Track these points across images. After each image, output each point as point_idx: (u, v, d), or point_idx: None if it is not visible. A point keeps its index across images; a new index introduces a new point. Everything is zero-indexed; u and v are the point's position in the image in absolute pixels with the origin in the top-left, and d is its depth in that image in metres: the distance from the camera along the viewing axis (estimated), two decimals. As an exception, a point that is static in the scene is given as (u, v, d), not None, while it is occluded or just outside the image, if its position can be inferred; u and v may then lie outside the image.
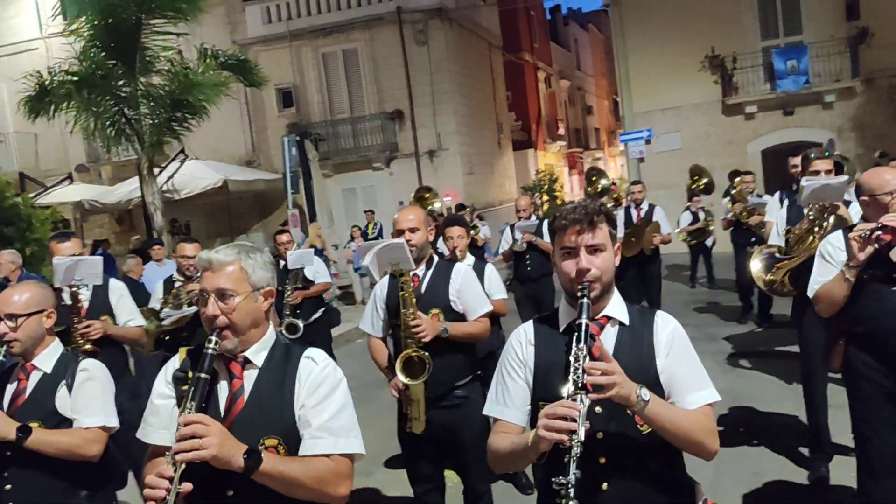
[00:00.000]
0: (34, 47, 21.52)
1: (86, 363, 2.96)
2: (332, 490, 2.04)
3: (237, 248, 2.18)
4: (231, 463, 1.90)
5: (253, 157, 20.89)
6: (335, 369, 2.18)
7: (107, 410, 2.89)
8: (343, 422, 2.10)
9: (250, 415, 2.06)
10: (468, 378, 3.88)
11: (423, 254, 3.88)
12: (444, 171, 20.34)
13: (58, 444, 2.75)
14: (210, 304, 2.08)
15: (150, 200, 13.19)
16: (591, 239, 2.09)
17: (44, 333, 2.95)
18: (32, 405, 2.84)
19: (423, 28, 20.42)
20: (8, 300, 2.88)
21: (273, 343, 2.18)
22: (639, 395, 1.92)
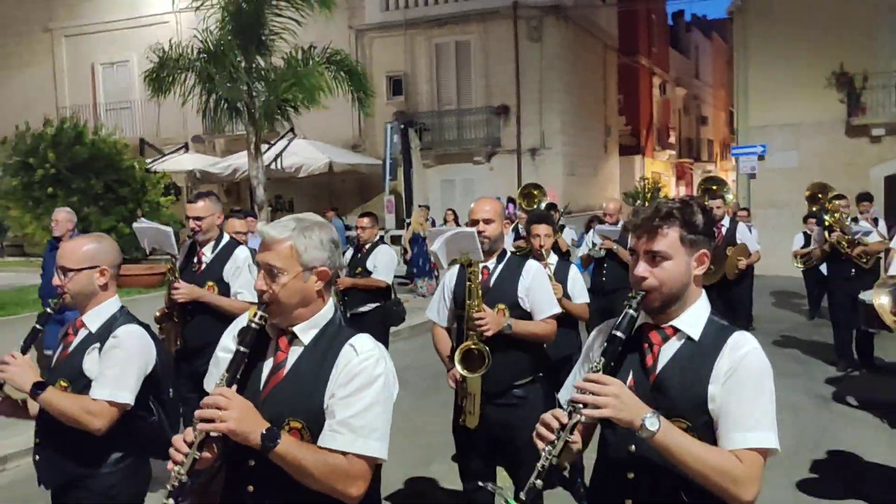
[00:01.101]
0: (165, 20, 22.59)
1: (120, 330, 2.79)
2: (342, 488, 1.95)
3: (294, 224, 2.10)
4: (248, 439, 1.88)
5: (358, 141, 21.27)
6: (376, 364, 2.03)
7: (119, 384, 2.71)
8: (367, 421, 1.98)
9: (284, 391, 2.04)
10: (528, 378, 3.79)
11: (496, 247, 3.81)
12: (544, 170, 20.12)
13: (61, 410, 2.65)
14: (259, 279, 2.06)
15: (254, 175, 13.62)
16: (651, 245, 1.97)
17: (95, 290, 2.84)
18: (68, 362, 2.80)
19: (537, 24, 20.23)
20: (64, 252, 2.86)
21: (326, 323, 2.11)
22: (643, 422, 1.80)
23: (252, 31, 13.37)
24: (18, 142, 13.42)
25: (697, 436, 1.87)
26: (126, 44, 22.90)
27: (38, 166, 12.63)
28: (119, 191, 13.25)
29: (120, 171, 13.52)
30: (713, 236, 2.11)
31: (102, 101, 24.11)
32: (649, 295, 1.97)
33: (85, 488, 2.73)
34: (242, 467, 2.02)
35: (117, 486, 2.76)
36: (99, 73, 24.32)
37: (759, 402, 1.88)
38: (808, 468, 5.43)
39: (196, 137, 22.44)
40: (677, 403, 1.92)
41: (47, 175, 12.62)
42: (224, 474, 2.12)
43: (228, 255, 4.73)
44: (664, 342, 2.01)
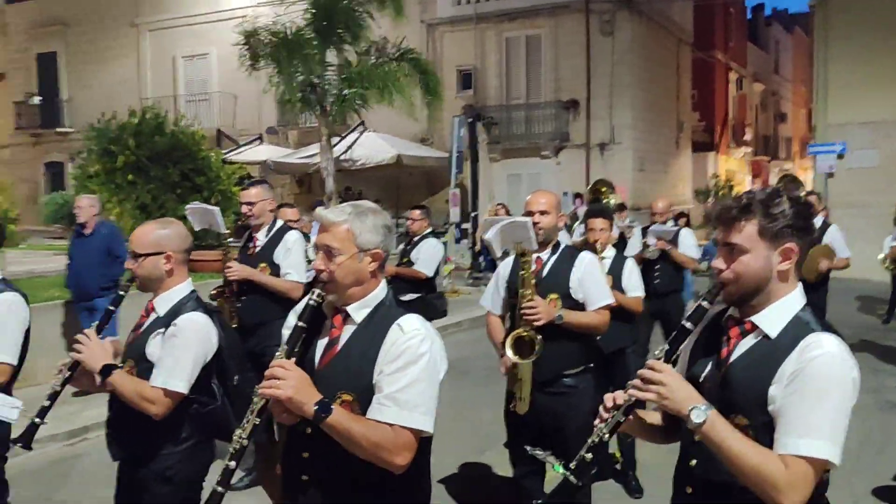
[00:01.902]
0: (244, 15, 23.22)
1: (181, 318, 2.85)
2: (388, 457, 2.08)
3: (350, 209, 2.24)
4: (303, 409, 2.01)
5: (427, 134, 21.46)
6: (421, 342, 2.14)
7: (174, 373, 2.78)
8: (412, 396, 2.09)
9: (337, 366, 2.18)
10: (579, 368, 3.85)
11: (550, 238, 3.87)
12: (613, 166, 19.92)
13: (123, 393, 2.76)
14: (318, 259, 2.21)
15: (324, 166, 13.95)
16: (728, 237, 1.96)
17: (162, 275, 2.91)
18: (136, 345, 2.89)
19: (609, 18, 20.03)
20: (134, 237, 2.93)
21: (378, 303, 2.24)
22: (689, 413, 1.83)
23: (328, 25, 13.69)
24: (103, 130, 14.06)
25: (756, 435, 1.85)
26: (206, 37, 23.66)
27: (120, 153, 13.20)
28: (196, 180, 13.71)
29: (197, 161, 13.96)
30: (806, 230, 1.97)
31: (182, 93, 24.98)
32: (726, 287, 1.96)
33: (144, 466, 2.86)
34: (300, 434, 2.17)
35: (174, 467, 2.85)
36: (180, 66, 25.20)
37: (819, 410, 1.80)
38: (870, 473, 5.31)
39: (270, 129, 23.03)
40: (739, 400, 1.91)
41: (128, 163, 13.18)
42: (284, 441, 2.28)
43: (280, 238, 4.95)
44: (741, 337, 1.99)
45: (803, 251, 1.97)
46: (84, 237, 7.43)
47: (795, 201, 1.96)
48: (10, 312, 3.33)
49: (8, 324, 3.31)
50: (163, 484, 2.85)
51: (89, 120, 15.84)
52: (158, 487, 2.85)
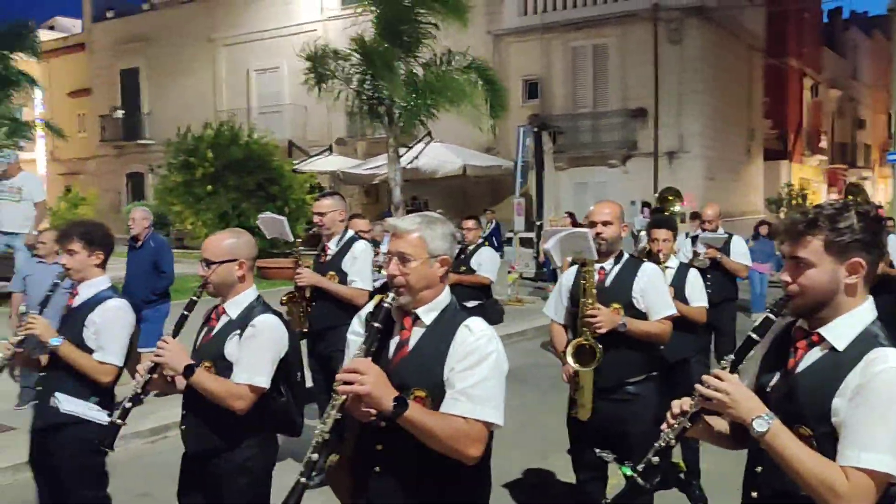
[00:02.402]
0: (313, 29, 23.86)
1: (258, 319, 3.04)
2: (462, 448, 2.23)
3: (420, 219, 2.43)
4: (381, 404, 2.16)
5: (493, 144, 21.59)
6: (489, 342, 2.31)
7: (257, 370, 2.97)
8: (483, 391, 2.25)
9: (409, 365, 2.34)
10: (642, 377, 3.91)
11: (614, 248, 3.94)
12: (682, 174, 19.67)
13: (209, 390, 2.95)
14: (391, 265, 2.37)
15: (391, 177, 14.22)
16: (795, 251, 2.01)
17: (235, 281, 3.10)
18: (212, 346, 3.07)
19: (677, 26, 19.83)
20: (207, 246, 3.11)
21: (445, 307, 2.41)
22: (753, 422, 1.89)
23: (395, 37, 13.99)
24: (181, 143, 14.71)
25: (819, 446, 1.88)
26: (277, 51, 24.37)
27: (199, 165, 13.79)
28: (269, 189, 14.24)
29: (270, 171, 14.51)
30: (874, 244, 1.97)
31: (255, 105, 25.77)
32: (793, 300, 2.01)
33: (224, 459, 3.03)
34: (374, 428, 2.32)
35: (252, 458, 3.05)
36: (253, 79, 26.01)
37: (882, 424, 1.81)
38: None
39: (339, 140, 23.55)
40: (802, 410, 1.94)
41: (206, 174, 13.76)
42: (354, 436, 2.43)
43: (348, 248, 5.16)
44: (809, 348, 2.03)
45: (872, 265, 1.98)
46: (136, 249, 7.54)
47: (864, 216, 1.97)
48: (118, 318, 3.61)
49: (115, 328, 3.58)
50: (242, 475, 3.03)
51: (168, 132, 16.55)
52: (237, 479, 3.03)
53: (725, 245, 6.88)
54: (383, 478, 2.34)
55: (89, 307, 3.62)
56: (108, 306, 3.61)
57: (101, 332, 3.56)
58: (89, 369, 3.52)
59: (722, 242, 6.83)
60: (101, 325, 3.57)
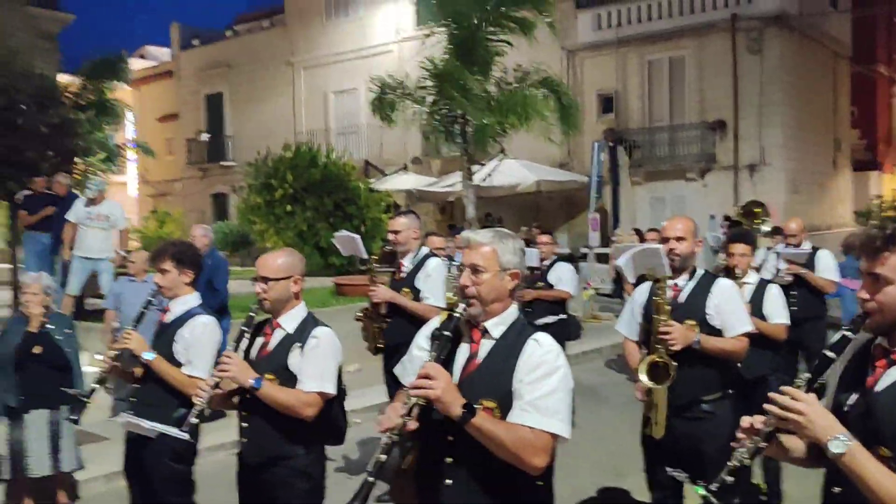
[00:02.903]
0: (389, 50, 24.32)
1: (317, 331, 3.20)
2: (528, 458, 2.27)
3: (493, 233, 2.51)
4: (450, 409, 2.23)
5: (567, 159, 21.49)
6: (557, 356, 2.37)
7: (325, 378, 3.13)
8: (551, 403, 2.30)
9: (478, 377, 2.39)
10: (717, 395, 3.84)
11: (687, 264, 3.91)
12: (763, 188, 19.11)
13: (280, 401, 3.09)
14: (464, 276, 2.45)
15: (465, 194, 14.32)
16: (872, 267, 1.98)
17: (291, 296, 3.24)
18: (272, 359, 3.19)
19: (757, 36, 19.34)
20: (264, 264, 3.24)
21: (513, 321, 2.47)
22: (829, 443, 1.86)
23: (468, 56, 14.14)
24: (262, 165, 15.23)
25: None
26: (354, 73, 24.89)
27: (279, 186, 14.25)
28: (346, 208, 14.58)
29: (347, 191, 14.87)
30: None
31: (333, 126, 26.36)
32: (871, 317, 1.98)
33: (285, 466, 3.17)
34: (443, 442, 2.37)
35: (311, 464, 3.20)
36: (331, 101, 26.63)
37: None
38: None
39: (415, 159, 23.84)
40: (882, 431, 1.91)
41: (286, 194, 14.19)
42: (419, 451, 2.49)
43: (422, 265, 5.25)
44: (888, 367, 1.99)
45: None
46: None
47: None
48: (206, 333, 3.81)
49: (203, 343, 3.78)
50: (302, 480, 3.19)
51: (250, 154, 17.13)
52: (299, 484, 3.18)
53: (810, 260, 6.65)
54: (455, 490, 2.38)
55: (180, 323, 3.82)
56: (197, 322, 3.80)
57: (190, 346, 3.76)
58: (179, 382, 3.71)
59: (805, 258, 6.59)
60: (191, 340, 3.76)
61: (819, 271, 6.65)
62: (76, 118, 11.96)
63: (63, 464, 4.98)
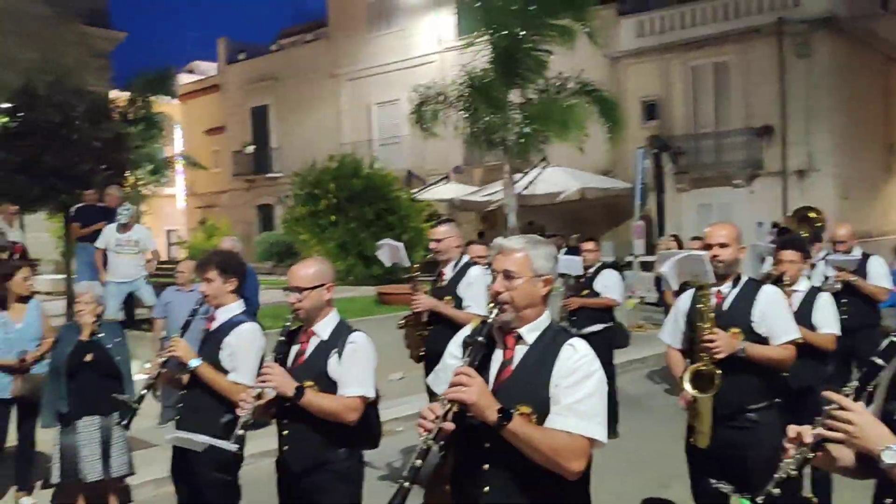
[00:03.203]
0: (431, 60, 24.47)
1: (353, 336, 3.24)
2: (565, 463, 2.26)
3: (525, 239, 2.51)
4: (486, 414, 2.23)
5: (610, 166, 21.32)
6: (593, 361, 2.37)
7: (366, 382, 3.19)
8: (588, 407, 2.30)
9: (513, 383, 2.39)
10: (763, 403, 3.78)
11: (731, 271, 3.85)
12: (812, 193, 18.69)
13: (324, 408, 3.13)
14: (497, 282, 2.45)
15: (507, 202, 14.32)
16: None
17: (324, 304, 3.28)
18: (309, 366, 3.24)
19: (805, 40, 18.98)
20: (296, 275, 3.26)
21: (546, 326, 2.47)
22: (881, 453, 1.84)
23: (511, 65, 14.17)
24: (306, 175, 15.45)
25: None
26: (397, 84, 25.10)
27: (322, 197, 14.43)
28: (388, 218, 14.68)
29: (389, 201, 14.98)
30: None
31: (376, 137, 26.61)
32: None
33: (326, 471, 3.21)
34: (479, 449, 2.37)
35: (353, 467, 3.26)
36: (374, 112, 26.89)
37: None
38: None
39: (457, 168, 23.91)
40: None
41: (329, 204, 14.36)
42: (453, 458, 2.49)
43: (464, 273, 5.28)
44: None
45: None
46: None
47: None
48: (250, 340, 3.89)
49: (248, 350, 3.86)
50: (346, 483, 3.24)
51: (295, 165, 17.41)
52: (341, 487, 3.23)
53: (860, 267, 6.42)
54: (494, 497, 2.38)
55: (225, 330, 3.90)
56: (242, 330, 3.88)
57: (235, 353, 3.84)
58: (224, 389, 3.79)
59: (855, 264, 6.36)
60: (236, 347, 3.84)
61: (870, 278, 6.43)
62: (127, 132, 12.29)
63: (113, 469, 5.11)
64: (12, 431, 5.76)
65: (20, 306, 5.67)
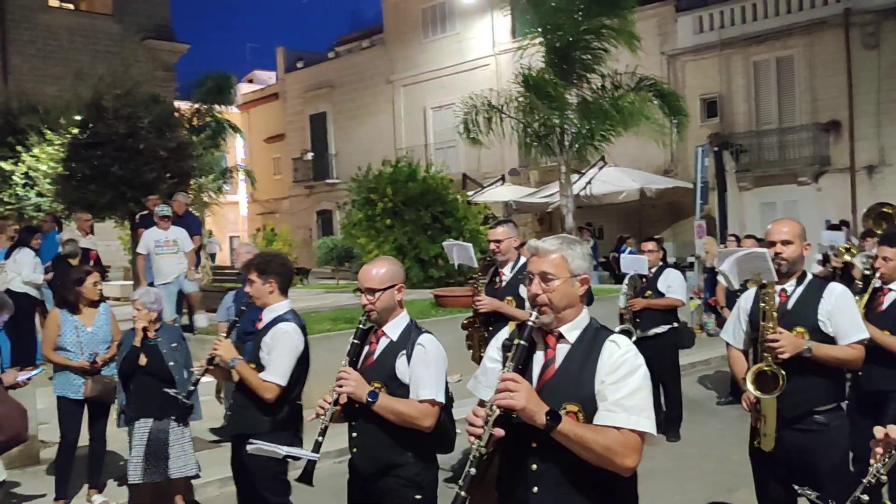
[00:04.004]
0: (486, 63, 24.49)
1: (423, 339, 3.19)
2: (619, 460, 2.24)
3: (560, 240, 2.49)
4: (535, 418, 2.22)
5: (671, 165, 20.97)
6: (636, 356, 2.36)
7: (437, 385, 3.12)
8: (636, 402, 2.28)
9: (558, 382, 2.38)
10: (832, 405, 3.66)
11: (795, 269, 3.74)
12: (884, 190, 18.00)
13: (396, 412, 3.08)
14: (534, 284, 2.44)
15: (564, 203, 14.22)
16: None
17: (395, 304, 3.25)
18: (378, 367, 3.20)
19: (873, 30, 18.33)
20: (367, 276, 3.22)
21: (586, 325, 2.46)
22: None
23: (566, 65, 14.08)
24: (364, 180, 15.62)
25: None
26: (452, 88, 25.17)
27: (379, 201, 14.55)
28: (444, 221, 14.72)
29: (445, 204, 15.01)
30: None
31: (432, 141, 26.72)
32: None
33: (396, 475, 3.17)
34: (526, 449, 2.36)
35: (420, 473, 3.19)
36: (429, 116, 27.02)
37: None
38: None
39: (512, 170, 23.84)
40: None
41: (386, 208, 14.48)
42: (499, 460, 2.46)
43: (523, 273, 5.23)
44: None
45: None
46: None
47: None
48: (283, 340, 3.97)
49: (280, 349, 3.94)
50: (414, 490, 3.18)
51: (353, 171, 17.61)
52: (410, 493, 3.18)
53: None
54: (543, 497, 2.37)
55: (267, 329, 4.03)
56: (278, 329, 3.99)
57: (270, 351, 3.95)
58: (255, 386, 3.92)
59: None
60: (271, 345, 3.96)
61: None
62: (191, 141, 12.65)
63: (172, 470, 5.24)
64: (84, 431, 5.96)
65: (91, 311, 5.87)
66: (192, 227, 10.17)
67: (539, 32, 14.38)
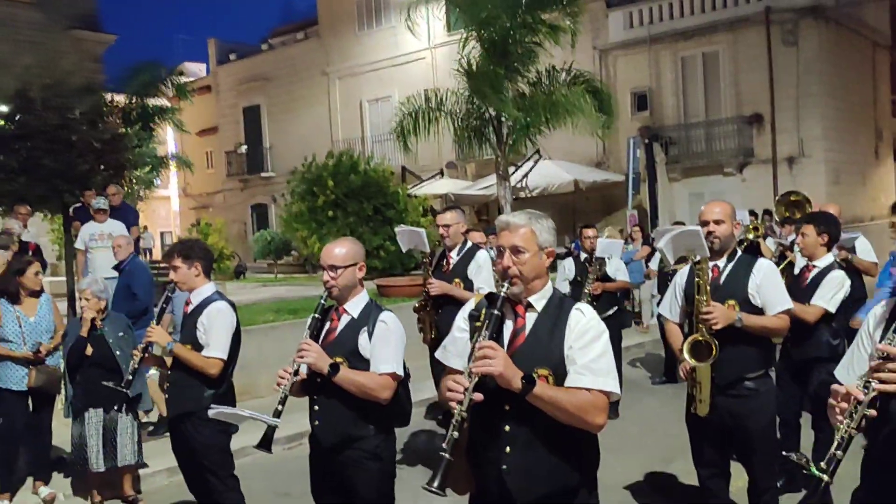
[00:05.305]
0: (422, 57, 24.58)
1: (384, 316, 3.33)
2: (590, 418, 2.45)
3: (528, 215, 2.64)
4: (511, 383, 2.37)
5: (603, 158, 21.49)
6: (599, 322, 2.56)
7: (397, 360, 3.26)
8: (602, 365, 2.48)
9: (528, 348, 2.54)
10: (760, 372, 3.94)
11: (726, 246, 4.00)
12: (803, 180, 18.87)
13: (357, 384, 3.20)
14: (506, 257, 2.59)
15: (501, 195, 14.46)
16: None
17: (356, 282, 3.37)
18: (340, 343, 3.31)
19: (792, 28, 19.17)
20: (330, 254, 3.34)
21: (551, 294, 2.64)
22: None
23: (502, 59, 14.29)
24: (305, 172, 15.59)
25: None
26: (389, 81, 25.21)
27: (320, 193, 14.57)
28: (386, 213, 14.84)
29: (386, 196, 15.14)
30: None
31: (369, 135, 26.66)
32: None
33: (357, 448, 3.29)
34: (499, 411, 2.51)
35: (380, 445, 3.33)
36: (366, 109, 26.95)
37: None
38: None
39: (450, 164, 24.03)
40: None
41: (328, 201, 14.50)
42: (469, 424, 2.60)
43: (471, 257, 5.51)
44: None
45: None
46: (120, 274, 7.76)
47: None
48: (220, 317, 4.13)
49: (218, 326, 4.10)
50: (374, 461, 3.31)
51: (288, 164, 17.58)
52: (371, 465, 3.31)
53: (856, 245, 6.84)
54: (516, 456, 2.51)
55: (199, 311, 4.17)
56: (212, 308, 4.14)
57: (208, 330, 4.10)
58: (198, 364, 4.07)
59: (851, 243, 6.77)
60: (208, 324, 4.11)
61: (860, 255, 6.74)
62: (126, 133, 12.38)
63: (119, 459, 5.24)
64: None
65: (32, 301, 5.79)
66: (128, 219, 9.97)
67: (474, 28, 14.55)
